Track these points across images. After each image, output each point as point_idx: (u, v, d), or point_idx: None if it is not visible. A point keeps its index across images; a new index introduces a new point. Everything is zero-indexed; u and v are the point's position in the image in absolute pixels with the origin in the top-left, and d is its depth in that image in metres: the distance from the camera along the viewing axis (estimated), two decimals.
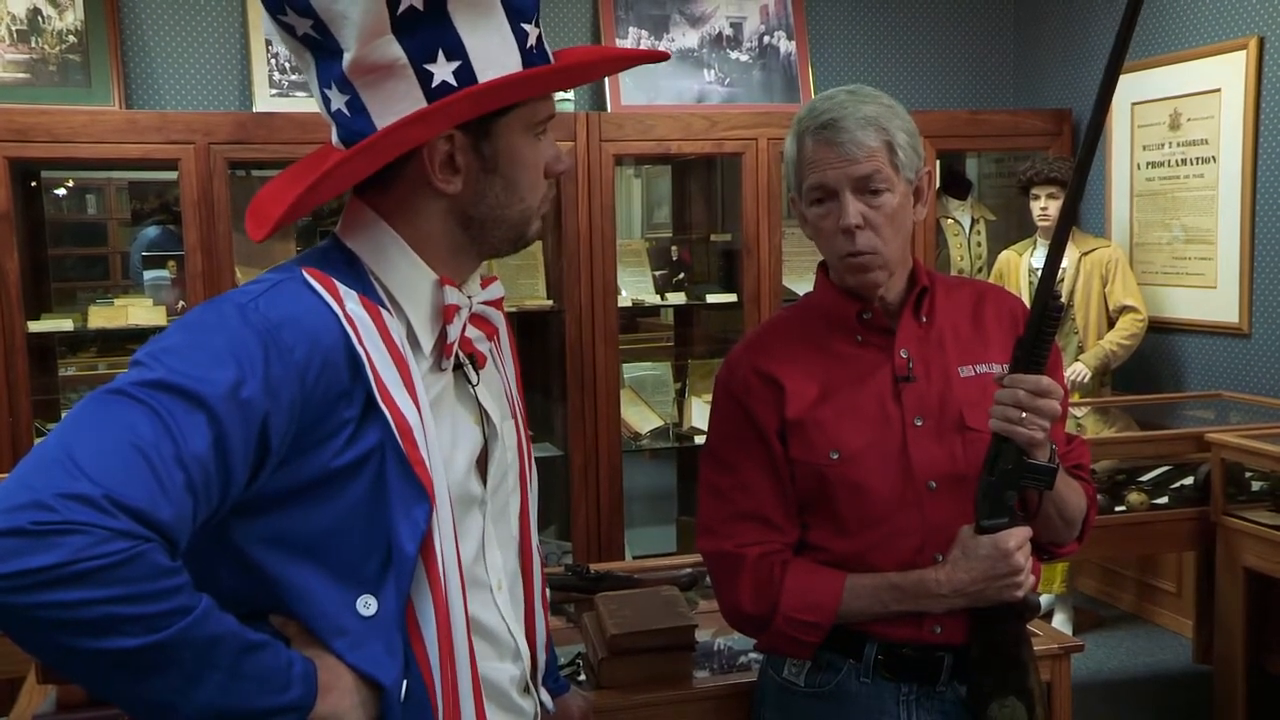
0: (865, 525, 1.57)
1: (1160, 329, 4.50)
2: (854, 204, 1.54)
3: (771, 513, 1.61)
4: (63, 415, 4.03)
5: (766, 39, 4.82)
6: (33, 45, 4.03)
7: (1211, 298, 4.30)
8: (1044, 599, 4.40)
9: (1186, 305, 4.43)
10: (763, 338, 1.70)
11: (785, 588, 1.57)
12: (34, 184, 4.15)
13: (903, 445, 1.57)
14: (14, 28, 4.00)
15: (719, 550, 1.62)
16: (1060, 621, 4.32)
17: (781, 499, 1.61)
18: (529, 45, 1.18)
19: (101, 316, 3.91)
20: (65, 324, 3.89)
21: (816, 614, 1.56)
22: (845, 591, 1.56)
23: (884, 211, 1.55)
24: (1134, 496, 3.55)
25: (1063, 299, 4.33)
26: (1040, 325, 1.45)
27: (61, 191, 5.91)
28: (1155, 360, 4.60)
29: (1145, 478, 3.72)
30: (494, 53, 1.15)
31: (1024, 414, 1.45)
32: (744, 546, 1.60)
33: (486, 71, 1.15)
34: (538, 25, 1.20)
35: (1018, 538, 1.50)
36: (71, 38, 4.06)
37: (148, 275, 4.19)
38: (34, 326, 3.76)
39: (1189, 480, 3.64)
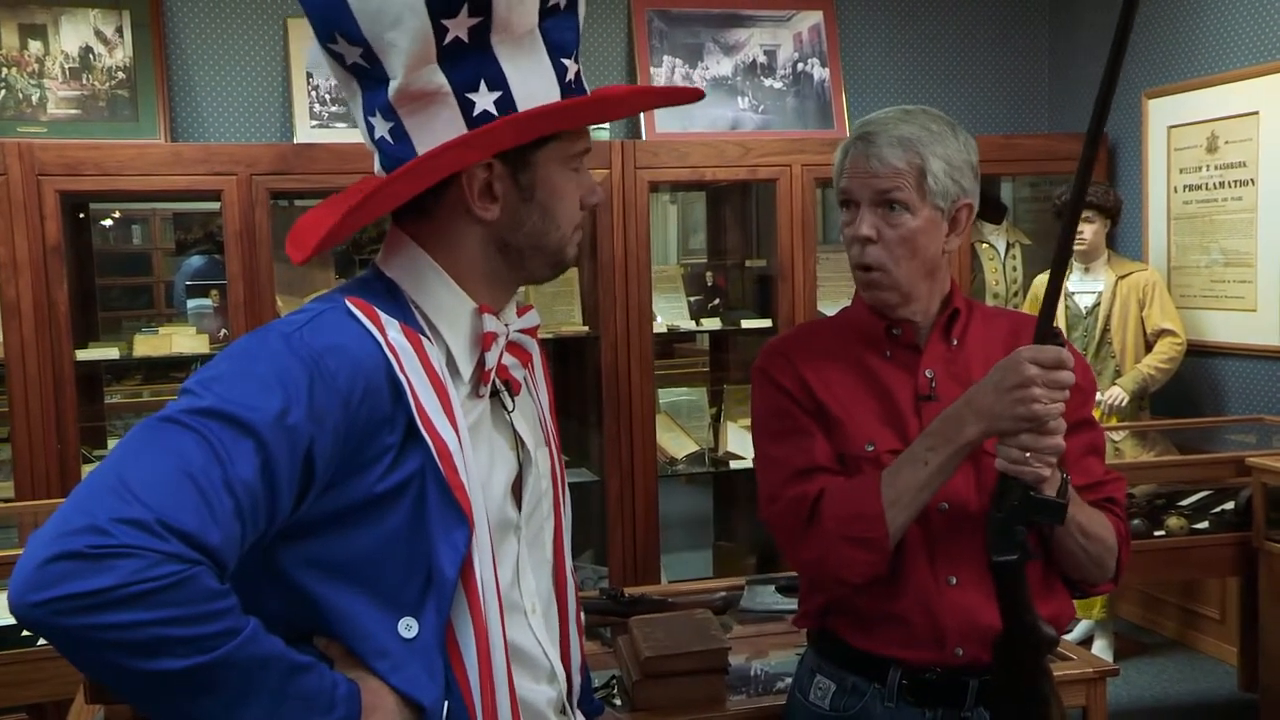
0: None
1: (1199, 352, 4.46)
2: (869, 216, 1.56)
3: (829, 462, 1.58)
4: (109, 442, 4.11)
5: (800, 66, 4.84)
6: (84, 82, 4.13)
7: (1251, 321, 4.27)
8: (1083, 625, 4.36)
9: (1226, 328, 4.39)
10: (796, 339, 1.71)
11: (825, 502, 1.53)
12: (82, 215, 4.24)
13: None
14: (66, 65, 4.12)
15: (780, 513, 1.59)
16: (1101, 648, 4.27)
17: (833, 450, 1.59)
18: (568, 79, 1.22)
19: (146, 345, 3.97)
20: (111, 352, 3.94)
21: (862, 505, 1.50)
22: (883, 483, 1.51)
23: (900, 231, 1.55)
24: (1173, 521, 3.52)
25: (1100, 324, 4.31)
26: None
27: (108, 222, 6.03)
28: (1194, 384, 4.56)
29: (1185, 502, 3.69)
30: (534, 85, 1.19)
31: (1028, 454, 1.42)
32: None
33: (526, 102, 1.18)
34: (577, 61, 1.23)
35: (1041, 354, 1.41)
36: (120, 74, 4.17)
37: (191, 304, 4.26)
38: (81, 355, 3.81)
39: (1230, 505, 3.61)
